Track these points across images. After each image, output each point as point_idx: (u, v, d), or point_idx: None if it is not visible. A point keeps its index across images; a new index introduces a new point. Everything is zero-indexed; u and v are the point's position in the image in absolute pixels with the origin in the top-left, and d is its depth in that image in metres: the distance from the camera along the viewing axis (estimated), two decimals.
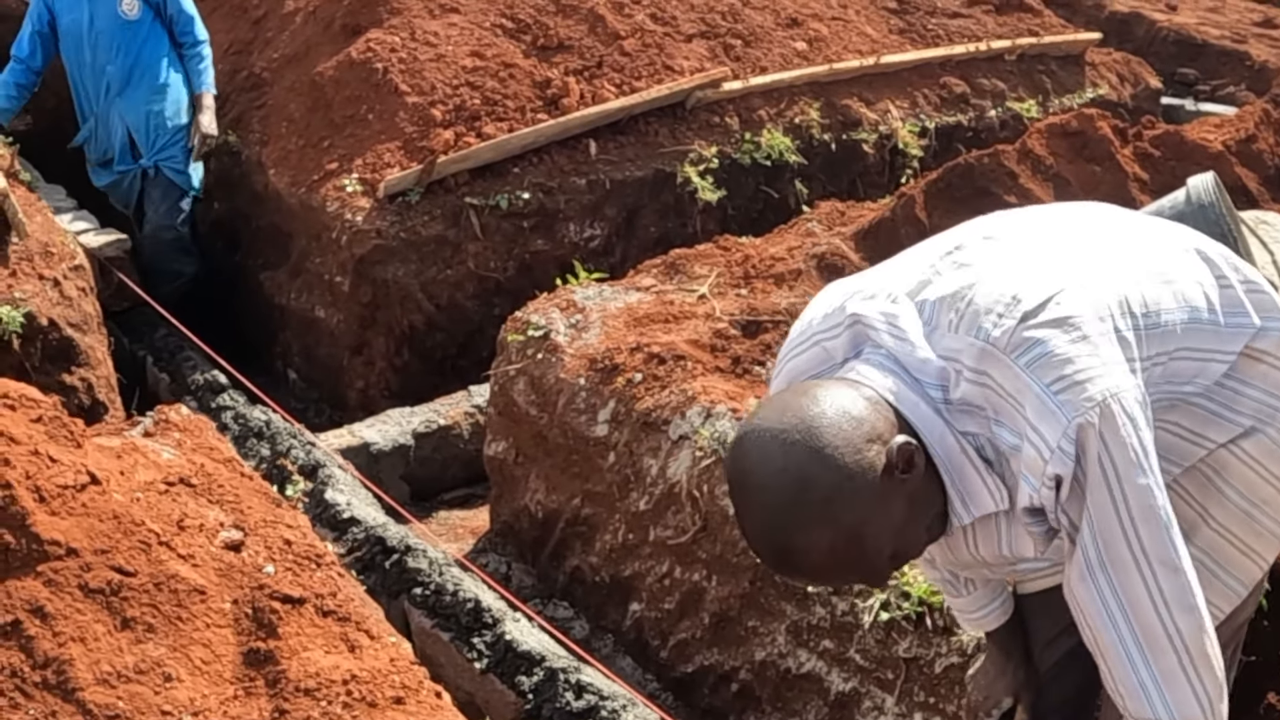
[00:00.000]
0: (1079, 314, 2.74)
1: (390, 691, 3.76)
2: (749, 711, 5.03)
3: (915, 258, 2.99)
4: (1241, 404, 3.08)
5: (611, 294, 5.93)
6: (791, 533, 2.67)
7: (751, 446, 2.70)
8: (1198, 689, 2.75)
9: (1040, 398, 2.66)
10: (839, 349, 2.92)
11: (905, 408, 2.74)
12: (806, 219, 6.60)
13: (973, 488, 2.79)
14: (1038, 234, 3.01)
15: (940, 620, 4.36)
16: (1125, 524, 2.69)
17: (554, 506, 5.70)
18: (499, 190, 7.64)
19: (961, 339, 2.75)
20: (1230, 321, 3.03)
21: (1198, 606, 2.73)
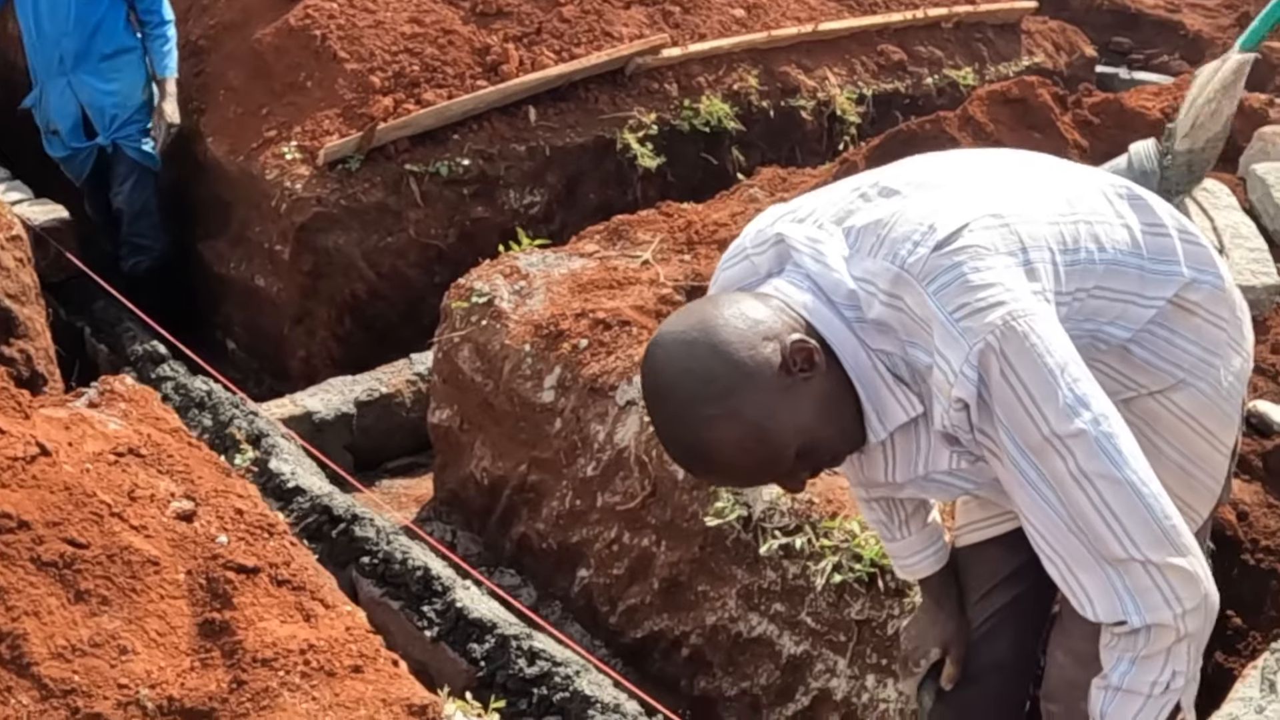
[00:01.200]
0: (989, 244, 2.79)
1: (348, 660, 3.76)
2: (700, 676, 5.05)
3: (848, 185, 3.05)
4: (1173, 355, 3.12)
5: (555, 260, 5.93)
6: (698, 429, 2.76)
7: (658, 350, 2.78)
8: (1166, 593, 2.76)
9: (944, 325, 2.71)
10: (764, 265, 2.99)
11: (819, 322, 2.81)
12: (748, 185, 6.61)
13: (885, 402, 2.87)
14: (967, 169, 3.08)
15: (892, 582, 4.39)
16: (1053, 442, 2.71)
17: (500, 473, 5.70)
18: (439, 157, 7.64)
19: (878, 263, 2.81)
20: (1156, 268, 3.06)
21: (1152, 515, 2.74)
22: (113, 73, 7.92)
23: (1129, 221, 3.07)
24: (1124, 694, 2.88)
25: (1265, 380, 5.49)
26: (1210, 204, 6.29)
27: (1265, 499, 4.92)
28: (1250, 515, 4.82)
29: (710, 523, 4.77)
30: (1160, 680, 2.84)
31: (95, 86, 7.89)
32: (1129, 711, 2.90)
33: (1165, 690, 2.87)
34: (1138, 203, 3.13)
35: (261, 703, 3.57)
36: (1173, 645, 2.80)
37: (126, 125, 8.00)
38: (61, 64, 7.86)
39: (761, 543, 4.64)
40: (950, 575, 3.75)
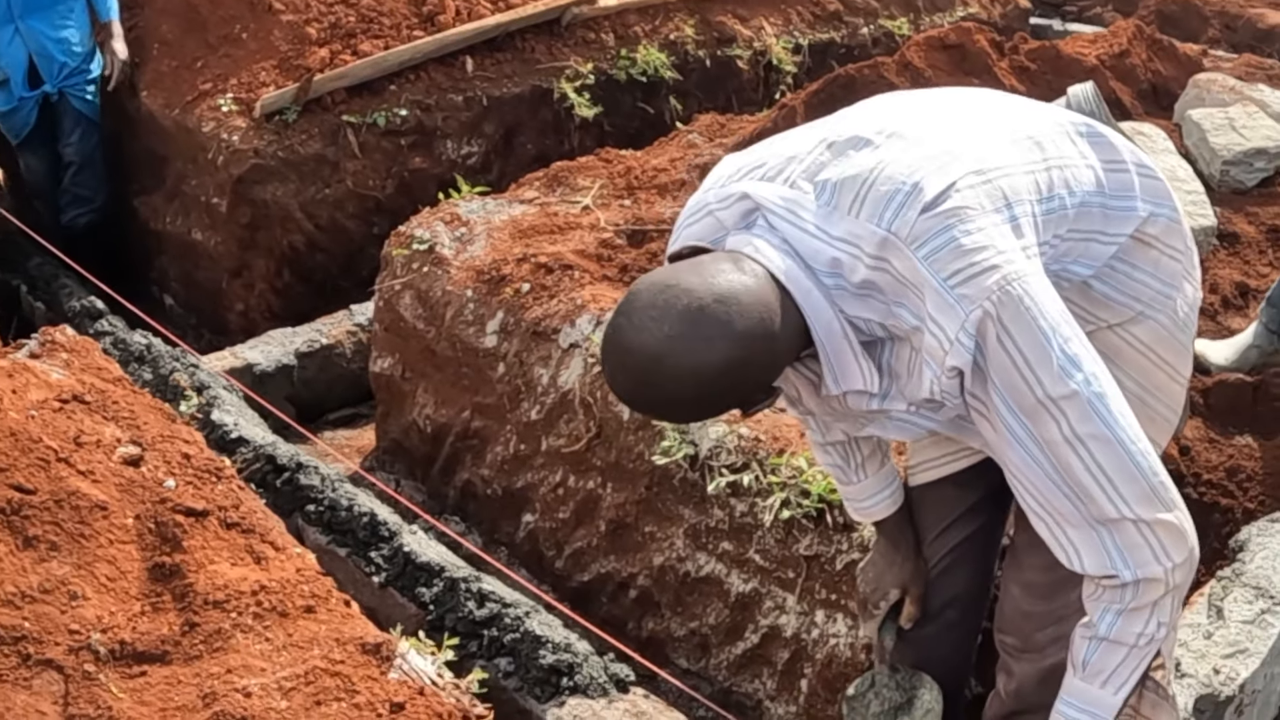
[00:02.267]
0: (977, 204, 2.79)
1: (300, 601, 3.76)
2: (648, 618, 5.07)
3: (814, 136, 3.02)
4: (1133, 288, 3.15)
5: (495, 207, 5.93)
6: (657, 395, 2.79)
7: (629, 329, 2.75)
8: (1156, 549, 2.81)
9: (939, 291, 2.71)
10: (728, 220, 2.98)
11: (794, 288, 2.80)
12: (687, 131, 6.61)
13: (846, 367, 2.88)
14: (938, 115, 3.06)
15: (840, 517, 4.41)
16: (1047, 405, 2.74)
17: (443, 421, 5.70)
18: (376, 108, 7.61)
19: (862, 225, 2.79)
20: (1117, 204, 3.08)
21: (1142, 473, 2.77)
22: (61, 19, 7.86)
23: (1091, 161, 3.09)
24: (1109, 644, 2.93)
25: (1204, 320, 5.54)
26: (1147, 148, 6.33)
27: (1207, 434, 4.98)
28: (1193, 450, 4.88)
29: (657, 462, 4.78)
30: (1146, 632, 2.89)
31: (44, 33, 7.82)
32: (1112, 661, 2.95)
33: (1150, 641, 2.92)
34: (1098, 140, 3.15)
35: (214, 644, 3.58)
36: (1160, 598, 2.85)
37: (74, 75, 7.95)
38: (9, 10, 7.76)
39: (709, 481, 4.65)
40: (906, 516, 3.79)
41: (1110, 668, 2.95)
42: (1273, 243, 6.04)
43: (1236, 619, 4.01)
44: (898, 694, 3.93)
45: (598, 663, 4.42)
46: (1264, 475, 4.88)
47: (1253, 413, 5.12)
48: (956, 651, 4.04)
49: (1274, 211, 6.28)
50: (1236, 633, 3.97)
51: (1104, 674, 2.96)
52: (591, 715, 4.26)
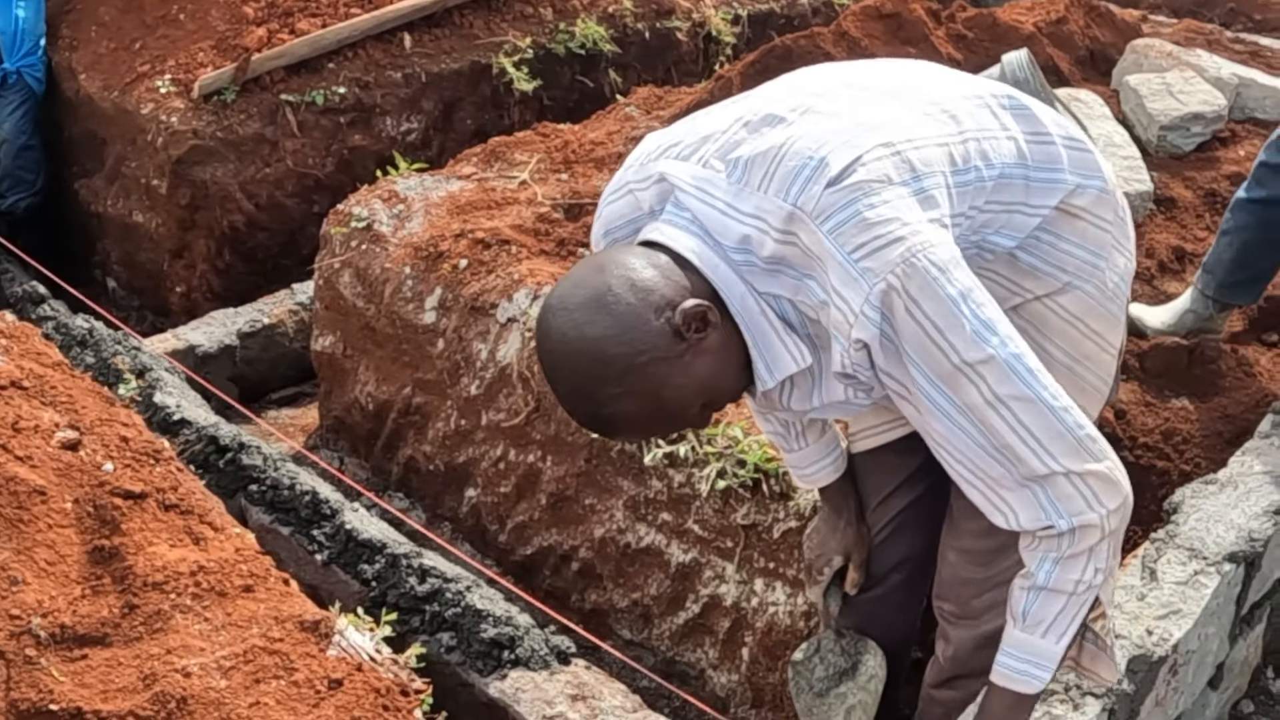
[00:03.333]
0: (884, 177, 2.79)
1: (239, 580, 3.78)
2: (591, 590, 5.09)
3: (731, 114, 3.02)
4: (1059, 259, 3.15)
5: (433, 183, 5.93)
6: (599, 405, 2.80)
7: (551, 327, 2.80)
8: (1089, 497, 2.83)
9: (843, 265, 2.72)
10: (647, 200, 3.01)
11: (707, 268, 2.82)
12: (625, 104, 6.62)
13: (774, 350, 2.88)
14: (852, 89, 3.05)
15: (776, 485, 4.43)
16: (964, 370, 2.75)
17: (385, 397, 5.70)
18: (315, 86, 7.59)
19: (770, 200, 2.80)
20: (1041, 176, 3.09)
21: (1066, 428, 2.80)
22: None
23: (1014, 132, 3.09)
24: (1049, 593, 2.95)
25: (1140, 284, 5.58)
26: (1084, 114, 6.36)
27: (1143, 398, 5.01)
28: (1129, 414, 4.91)
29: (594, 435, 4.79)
30: (1084, 579, 2.92)
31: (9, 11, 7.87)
32: (1052, 610, 2.97)
33: (1088, 588, 2.95)
34: (1022, 112, 3.15)
35: (154, 625, 3.59)
36: (1096, 544, 2.88)
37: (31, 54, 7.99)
38: None
39: (646, 452, 4.67)
40: (849, 483, 3.81)
41: (1050, 617, 2.98)
42: (1209, 207, 6.08)
43: (1170, 580, 4.05)
44: (842, 659, 3.96)
45: (539, 635, 4.43)
46: (1199, 438, 4.92)
47: (1188, 376, 5.16)
48: (901, 616, 4.07)
49: (1211, 176, 6.32)
50: (1170, 594, 4.00)
51: (1044, 623, 2.99)
52: (533, 688, 4.27)
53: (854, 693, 3.95)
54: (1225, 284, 5.18)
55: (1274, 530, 4.30)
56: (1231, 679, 4.65)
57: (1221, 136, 6.66)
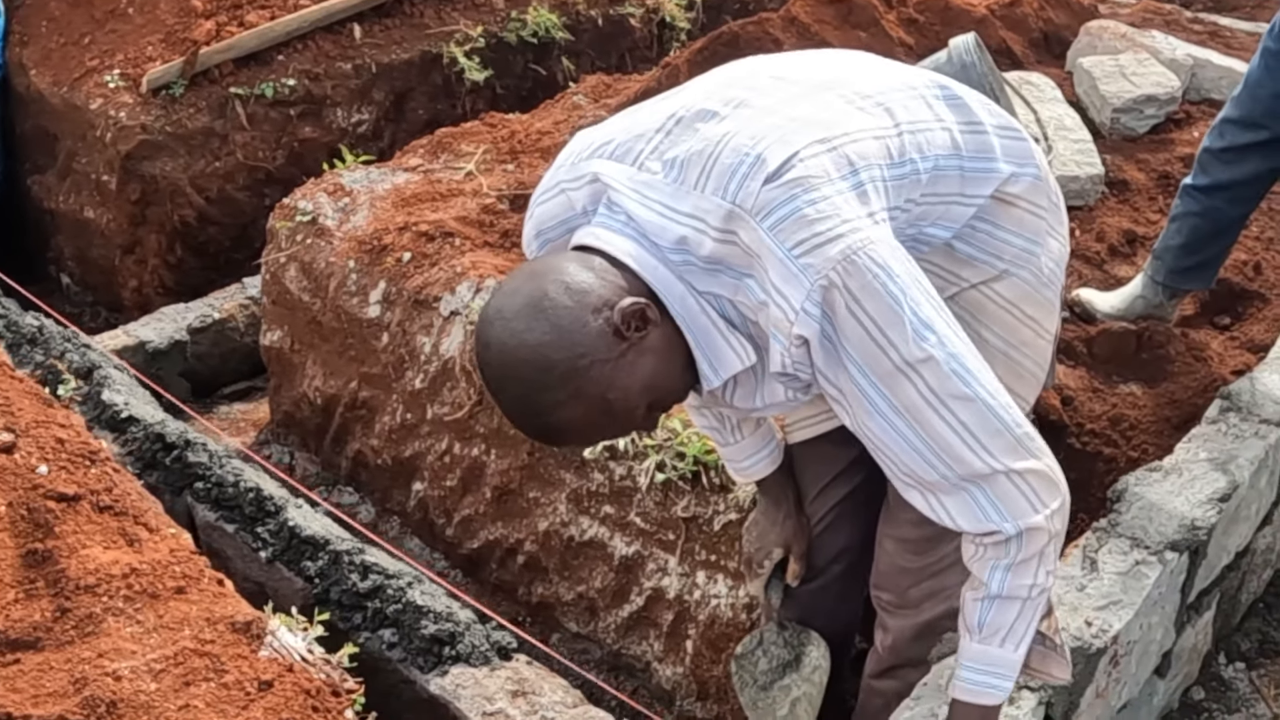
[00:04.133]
0: (822, 173, 2.76)
1: (171, 582, 3.74)
2: (537, 583, 5.08)
3: (664, 111, 2.98)
4: (995, 247, 3.14)
5: (379, 176, 5.89)
6: (545, 414, 2.75)
7: (490, 338, 2.76)
8: (1031, 497, 2.82)
9: (783, 262, 2.68)
10: (580, 200, 2.96)
11: (645, 271, 2.78)
12: (573, 93, 6.59)
13: (718, 349, 2.84)
14: (786, 85, 3.01)
15: (716, 478, 4.42)
16: (904, 370, 2.72)
17: (332, 392, 5.67)
18: (264, 79, 7.52)
19: (708, 199, 2.76)
20: (976, 166, 3.07)
21: (1005, 426, 2.78)
22: None
23: (948, 123, 3.07)
24: (1002, 601, 2.93)
25: (1090, 268, 5.56)
26: (1035, 97, 6.35)
27: (1090, 384, 5.00)
28: (1075, 400, 4.89)
29: None
30: (1037, 583, 2.90)
31: None
32: (1008, 618, 2.95)
33: (1041, 592, 2.93)
34: (955, 102, 3.13)
35: (86, 629, 3.56)
36: (1044, 546, 2.86)
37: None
38: None
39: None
40: (786, 474, 3.80)
41: (1007, 624, 2.96)
42: (1162, 190, 6.06)
43: (1110, 571, 4.02)
44: (786, 651, 3.96)
45: (480, 631, 4.41)
46: (1147, 424, 4.90)
47: (1136, 361, 5.15)
48: (843, 606, 4.08)
49: (1164, 158, 6.31)
50: (1110, 584, 3.97)
51: (1001, 632, 2.97)
52: (474, 684, 4.25)
53: (798, 684, 3.95)
54: (1175, 270, 5.17)
55: (1218, 518, 4.27)
56: (1180, 666, 4.63)
57: (1176, 118, 6.65)
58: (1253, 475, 4.48)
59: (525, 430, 2.87)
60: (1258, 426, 4.62)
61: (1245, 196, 5.05)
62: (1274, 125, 4.82)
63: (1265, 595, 5.24)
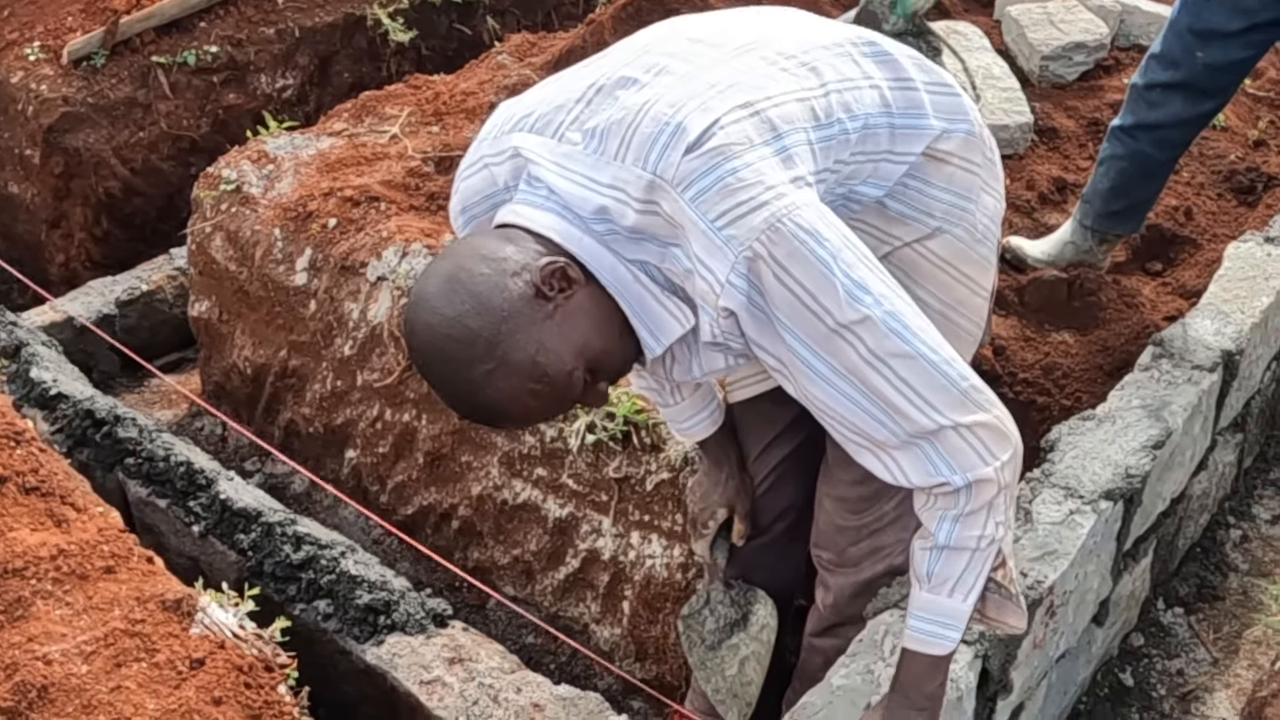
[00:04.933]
0: (744, 139, 2.72)
1: (100, 562, 3.70)
2: (472, 547, 5.05)
3: (585, 80, 2.93)
4: (928, 204, 3.12)
5: (303, 141, 5.83)
6: (478, 391, 2.68)
7: (414, 323, 2.70)
8: (980, 450, 2.78)
9: (706, 234, 2.64)
10: (502, 175, 2.91)
11: (570, 243, 2.72)
12: (497, 52, 6.53)
13: (655, 315, 2.78)
14: (706, 48, 2.96)
15: (647, 438, 4.40)
16: (840, 332, 2.68)
17: (262, 361, 5.62)
18: (186, 46, 7.42)
19: (628, 170, 2.71)
20: (906, 123, 3.04)
21: (950, 380, 2.74)
22: None
23: (876, 80, 3.03)
24: (950, 551, 2.90)
25: (1020, 216, 5.56)
26: (962, 46, 6.33)
27: (1022, 333, 4.99)
28: (1008, 350, 4.89)
29: None
30: (985, 534, 2.87)
31: None
32: (956, 568, 2.92)
33: (990, 543, 2.90)
34: (884, 59, 3.09)
35: (15, 614, 3.51)
36: (993, 498, 2.82)
37: None
38: None
39: None
40: (728, 434, 3.78)
41: (955, 575, 2.93)
42: (1092, 136, 6.06)
43: (1045, 521, 4.01)
44: (732, 610, 3.95)
45: (415, 599, 4.38)
46: (1080, 371, 4.90)
47: (1068, 309, 5.15)
48: (784, 563, 4.07)
49: (1094, 105, 6.31)
50: (1045, 535, 3.96)
51: (950, 582, 2.94)
52: (410, 652, 4.23)
53: (746, 643, 3.94)
54: (1103, 214, 5.16)
55: (1152, 466, 4.28)
56: (1119, 614, 4.64)
57: (1105, 65, 6.64)
58: (1186, 422, 4.49)
59: (464, 412, 2.81)
60: (1190, 373, 4.62)
61: (1171, 140, 5.04)
62: (1188, 64, 4.80)
63: (1202, 540, 5.26)
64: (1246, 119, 6.43)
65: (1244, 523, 5.39)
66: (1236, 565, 5.20)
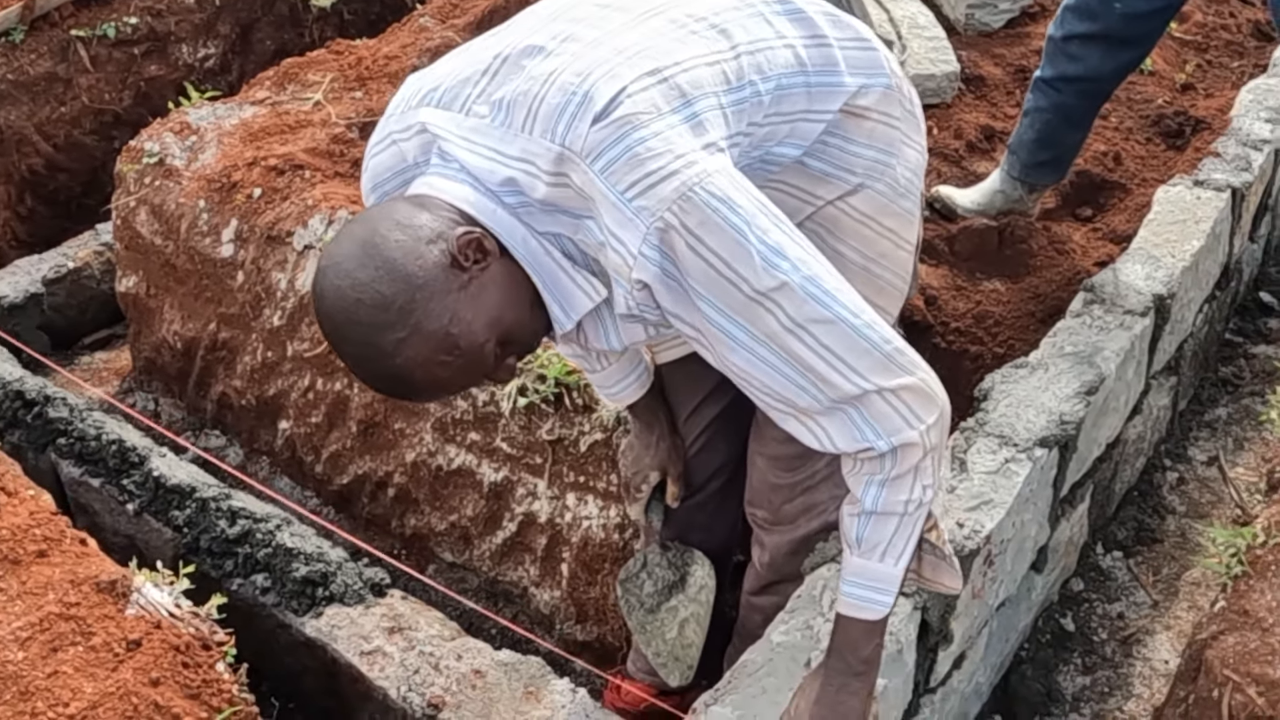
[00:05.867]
0: (652, 108, 2.68)
1: (32, 546, 3.66)
2: (409, 515, 5.02)
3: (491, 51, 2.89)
4: (849, 161, 3.10)
5: (225, 111, 5.77)
6: (388, 359, 2.64)
7: (324, 288, 2.66)
8: (905, 414, 2.76)
9: (616, 205, 2.61)
10: (411, 151, 2.88)
11: (483, 215, 2.69)
12: (419, 15, 6.47)
13: (565, 289, 2.76)
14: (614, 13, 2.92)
15: (579, 399, 4.38)
16: (759, 300, 2.65)
17: (191, 335, 5.57)
18: (105, 19, 7.33)
19: (536, 142, 2.68)
20: (821, 81, 3.02)
21: (872, 344, 2.72)
22: None
23: (790, 39, 3.00)
24: (878, 517, 2.88)
25: (949, 165, 5.57)
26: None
27: (954, 282, 5.00)
28: (939, 299, 4.89)
29: None
30: (912, 498, 2.85)
31: None
32: (885, 533, 2.90)
33: (918, 506, 2.87)
34: (797, 16, 3.07)
35: None
36: (919, 462, 2.80)
37: None
38: None
39: None
40: (657, 397, 3.78)
41: (885, 539, 2.91)
42: (1019, 84, 6.08)
43: (980, 470, 4.01)
44: (670, 572, 3.96)
45: (352, 569, 4.36)
46: (1012, 319, 4.92)
47: (999, 256, 5.16)
48: (720, 521, 4.09)
49: (1020, 52, 6.32)
50: (980, 484, 3.96)
51: (880, 546, 2.92)
52: (349, 624, 4.20)
53: (685, 605, 3.95)
54: (1029, 165, 5.18)
55: (1086, 412, 4.28)
56: (1057, 560, 4.65)
57: (1031, 12, 6.66)
58: (1119, 367, 4.50)
59: (372, 382, 2.76)
60: (1122, 318, 4.63)
61: (1092, 92, 5.06)
62: (1106, 14, 4.81)
63: (1139, 484, 5.28)
64: (1174, 63, 6.45)
65: (1180, 465, 5.41)
66: (1174, 507, 5.23)
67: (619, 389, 3.70)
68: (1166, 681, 4.45)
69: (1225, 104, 6.11)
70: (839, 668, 3.09)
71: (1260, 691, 3.36)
